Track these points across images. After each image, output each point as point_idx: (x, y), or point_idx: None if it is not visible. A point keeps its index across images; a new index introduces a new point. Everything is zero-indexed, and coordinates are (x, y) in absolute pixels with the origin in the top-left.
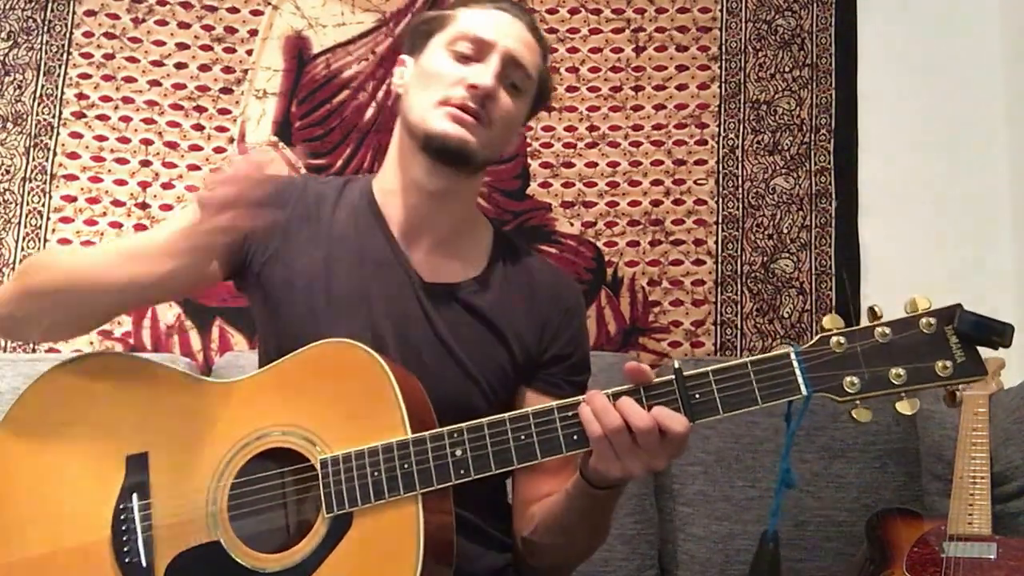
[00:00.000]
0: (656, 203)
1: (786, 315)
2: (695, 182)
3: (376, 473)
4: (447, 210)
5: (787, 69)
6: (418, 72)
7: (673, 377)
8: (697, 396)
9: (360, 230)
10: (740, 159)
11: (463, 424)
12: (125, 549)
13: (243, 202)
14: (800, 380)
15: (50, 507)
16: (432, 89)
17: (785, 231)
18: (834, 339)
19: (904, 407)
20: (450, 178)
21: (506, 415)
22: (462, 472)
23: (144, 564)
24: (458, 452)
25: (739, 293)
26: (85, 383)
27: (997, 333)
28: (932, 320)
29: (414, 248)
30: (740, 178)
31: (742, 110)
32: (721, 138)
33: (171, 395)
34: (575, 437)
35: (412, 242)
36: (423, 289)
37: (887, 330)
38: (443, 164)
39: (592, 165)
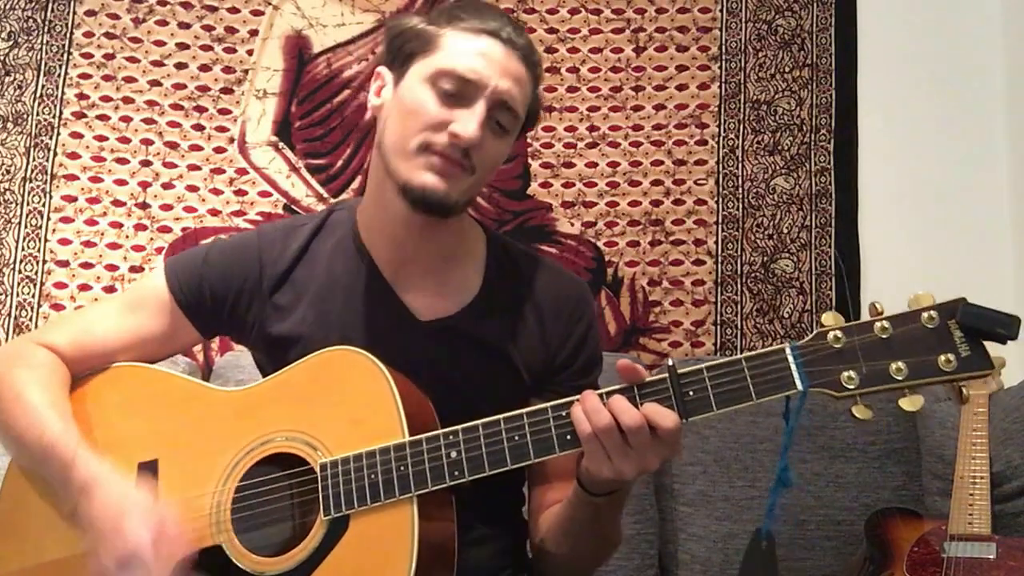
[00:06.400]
0: (656, 203)
1: (786, 315)
2: (695, 182)
3: (373, 475)
4: (435, 241)
5: (787, 69)
6: (397, 101)
7: (667, 375)
8: (691, 393)
9: (349, 274)
10: (740, 159)
11: (459, 426)
12: None
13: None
14: (796, 375)
15: (65, 514)
16: (411, 128)
17: (785, 231)
18: (831, 334)
19: (907, 404)
20: (430, 221)
21: (501, 416)
22: (456, 473)
23: None
24: (453, 454)
25: (739, 293)
26: (98, 393)
27: (1003, 325)
28: (934, 314)
29: (406, 286)
30: (740, 178)
31: (742, 110)
32: (721, 138)
33: (181, 403)
34: (568, 437)
35: (403, 280)
36: (420, 330)
37: (887, 324)
38: (422, 213)
39: (592, 165)
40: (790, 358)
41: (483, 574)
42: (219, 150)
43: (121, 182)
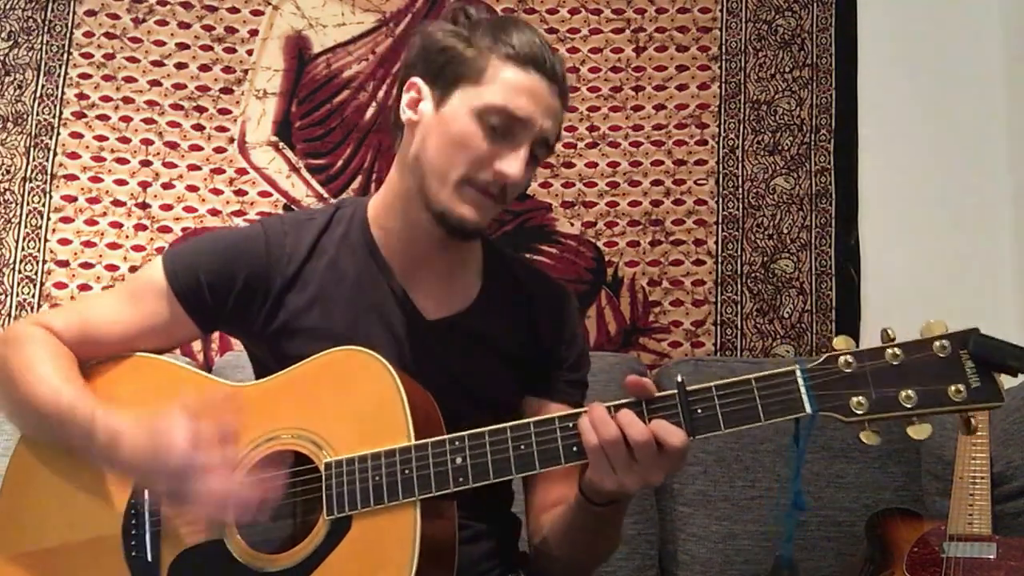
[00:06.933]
0: (656, 203)
1: (786, 315)
2: (695, 182)
3: (377, 477)
4: (448, 251)
5: (787, 69)
6: (440, 125)
7: (676, 391)
8: (699, 411)
9: (360, 271)
10: (740, 159)
11: (465, 432)
12: (133, 543)
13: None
14: (805, 398)
15: (68, 502)
16: (457, 160)
17: (785, 231)
18: (842, 358)
19: (915, 432)
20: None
21: (508, 424)
22: (460, 480)
23: (150, 559)
24: (458, 460)
25: (739, 293)
26: (107, 382)
27: (1015, 358)
28: (946, 343)
29: (415, 285)
30: (740, 178)
31: (742, 110)
32: (721, 138)
33: (189, 395)
34: (574, 449)
35: (413, 279)
36: (428, 328)
37: (898, 351)
38: (450, 235)
39: (592, 165)
40: (800, 381)
41: (476, 571)
42: (219, 150)
43: (121, 182)
